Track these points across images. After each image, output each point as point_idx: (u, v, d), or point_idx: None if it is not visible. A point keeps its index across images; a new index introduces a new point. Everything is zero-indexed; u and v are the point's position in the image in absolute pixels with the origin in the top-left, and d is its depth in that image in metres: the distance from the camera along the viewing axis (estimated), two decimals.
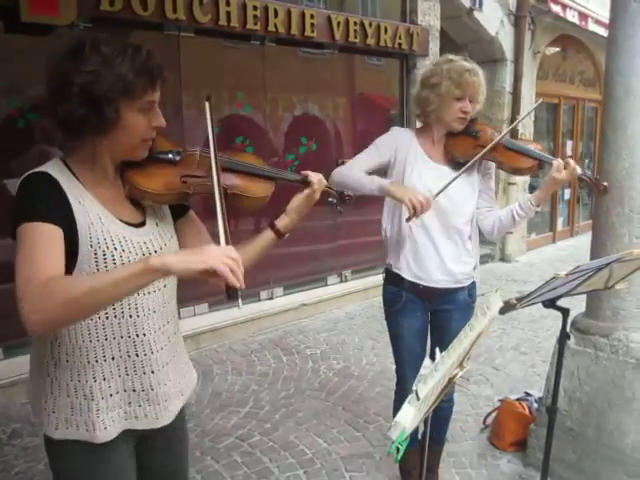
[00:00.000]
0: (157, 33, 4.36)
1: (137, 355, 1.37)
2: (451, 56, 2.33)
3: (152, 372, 1.40)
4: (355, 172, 2.31)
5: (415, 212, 2.09)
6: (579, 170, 2.20)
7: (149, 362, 1.40)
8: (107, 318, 1.32)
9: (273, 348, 4.66)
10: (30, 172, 1.28)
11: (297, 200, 1.58)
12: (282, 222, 1.58)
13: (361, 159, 2.38)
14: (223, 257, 1.08)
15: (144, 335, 1.38)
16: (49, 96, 1.27)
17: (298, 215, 1.59)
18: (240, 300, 1.08)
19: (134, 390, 1.39)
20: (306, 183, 1.57)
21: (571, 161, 2.18)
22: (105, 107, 1.24)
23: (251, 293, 5.25)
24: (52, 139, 3.67)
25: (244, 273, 1.09)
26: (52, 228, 1.20)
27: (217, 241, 1.17)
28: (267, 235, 1.58)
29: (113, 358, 1.35)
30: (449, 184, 2.20)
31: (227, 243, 1.17)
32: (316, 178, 1.58)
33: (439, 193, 2.19)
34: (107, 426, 1.34)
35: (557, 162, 2.19)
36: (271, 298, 5.41)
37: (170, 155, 1.42)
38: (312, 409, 3.61)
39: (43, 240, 1.18)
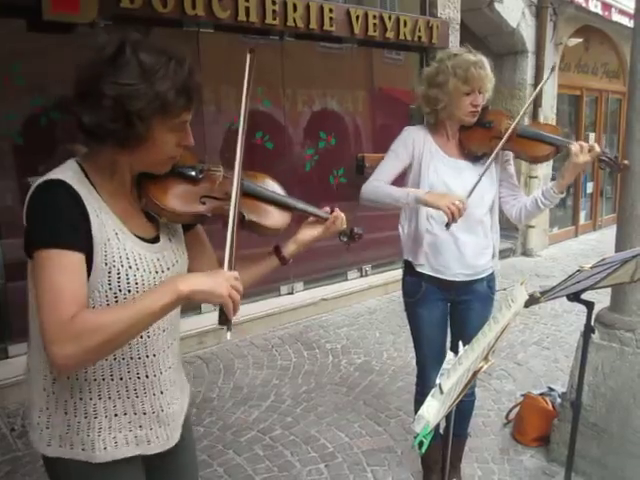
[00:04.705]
0: (176, 30, 4.39)
1: (147, 376, 1.32)
2: (454, 50, 2.32)
3: (161, 393, 1.36)
4: (385, 187, 2.29)
5: (453, 217, 2.08)
6: (598, 149, 2.14)
7: (158, 383, 1.35)
8: None
9: (294, 343, 4.68)
10: (46, 179, 1.16)
11: (308, 234, 1.55)
12: (288, 250, 1.54)
13: (384, 169, 2.36)
14: (232, 291, 1.15)
15: (154, 356, 1.33)
16: (76, 98, 1.17)
17: (305, 247, 1.56)
18: (229, 331, 1.16)
19: (144, 413, 1.32)
20: (324, 220, 1.55)
21: (587, 144, 2.14)
22: (137, 123, 1.15)
23: (271, 288, 5.27)
24: (75, 138, 3.71)
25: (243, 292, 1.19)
26: (75, 256, 1.13)
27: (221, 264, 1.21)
28: (272, 261, 1.54)
29: (121, 378, 1.28)
30: (477, 183, 2.19)
31: (230, 269, 1.21)
32: (339, 219, 1.55)
33: (470, 194, 2.17)
34: (107, 446, 1.27)
35: (575, 146, 2.15)
36: (291, 293, 5.43)
37: (193, 172, 1.34)
38: (333, 403, 3.61)
39: (66, 271, 1.11)
